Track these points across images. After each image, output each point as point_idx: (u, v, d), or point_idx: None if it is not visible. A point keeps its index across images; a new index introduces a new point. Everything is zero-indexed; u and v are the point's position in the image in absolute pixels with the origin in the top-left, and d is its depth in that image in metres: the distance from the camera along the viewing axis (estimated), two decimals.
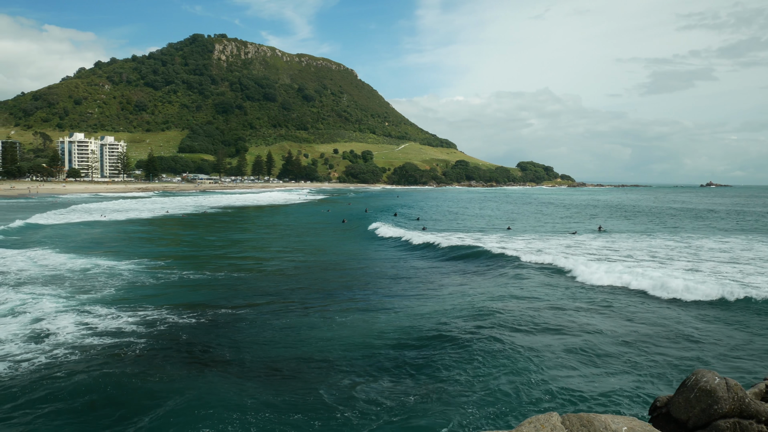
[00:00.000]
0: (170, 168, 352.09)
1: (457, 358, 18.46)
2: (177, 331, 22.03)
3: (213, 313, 25.12)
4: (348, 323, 23.50)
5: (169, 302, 27.13)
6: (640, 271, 32.78)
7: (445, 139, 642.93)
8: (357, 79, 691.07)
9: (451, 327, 22.34)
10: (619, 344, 20.09)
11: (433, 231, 64.95)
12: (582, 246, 50.40)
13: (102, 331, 21.84)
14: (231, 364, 18.27)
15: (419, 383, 16.40)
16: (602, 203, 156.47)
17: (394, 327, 22.64)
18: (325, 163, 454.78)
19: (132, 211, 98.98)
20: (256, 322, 23.61)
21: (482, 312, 24.66)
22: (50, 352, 19.23)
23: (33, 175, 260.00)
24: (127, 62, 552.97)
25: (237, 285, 32.31)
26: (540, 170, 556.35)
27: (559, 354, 18.94)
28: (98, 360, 18.45)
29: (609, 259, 40.03)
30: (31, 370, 17.32)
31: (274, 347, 20.18)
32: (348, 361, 18.44)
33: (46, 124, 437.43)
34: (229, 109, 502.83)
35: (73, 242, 52.91)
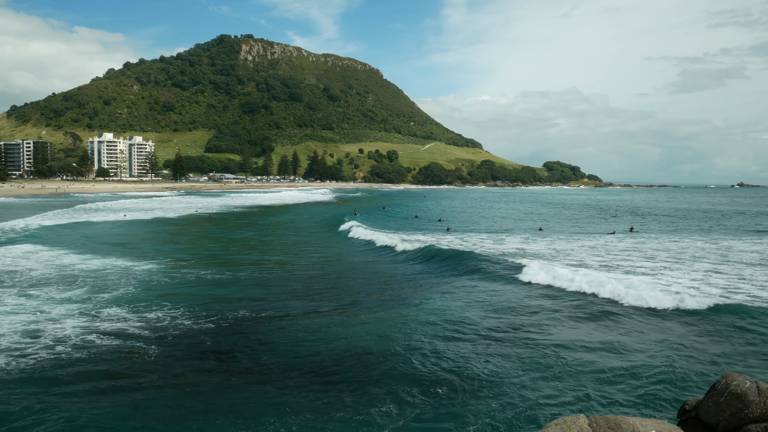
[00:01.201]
0: (197, 168, 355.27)
1: (478, 359, 18.30)
2: (200, 332, 22.13)
3: (235, 314, 25.20)
4: (369, 321, 23.44)
5: (197, 302, 27.26)
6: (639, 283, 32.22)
7: (470, 138, 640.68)
8: (382, 79, 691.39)
9: (467, 328, 22.18)
10: (645, 348, 19.76)
11: (456, 232, 64.63)
12: (605, 248, 49.79)
13: (121, 331, 22.02)
14: (261, 366, 18.28)
15: (445, 383, 16.27)
16: (628, 204, 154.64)
17: (424, 322, 22.53)
18: (351, 163, 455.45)
19: (157, 210, 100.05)
20: (280, 323, 23.64)
21: (500, 311, 24.44)
22: (70, 354, 19.39)
23: (63, 175, 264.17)
24: (155, 63, 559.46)
25: (264, 284, 32.46)
26: (567, 170, 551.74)
27: (582, 356, 18.69)
28: (118, 359, 18.60)
29: (624, 268, 39.42)
30: (54, 373, 17.42)
31: (296, 347, 20.18)
32: (367, 360, 18.36)
33: (76, 124, 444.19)
34: (256, 109, 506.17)
35: (93, 242, 53.50)
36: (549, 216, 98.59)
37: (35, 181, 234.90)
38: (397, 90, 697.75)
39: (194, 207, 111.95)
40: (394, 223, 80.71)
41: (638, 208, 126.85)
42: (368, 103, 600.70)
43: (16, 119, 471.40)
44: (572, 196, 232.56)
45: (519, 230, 69.07)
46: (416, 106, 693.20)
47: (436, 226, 73.69)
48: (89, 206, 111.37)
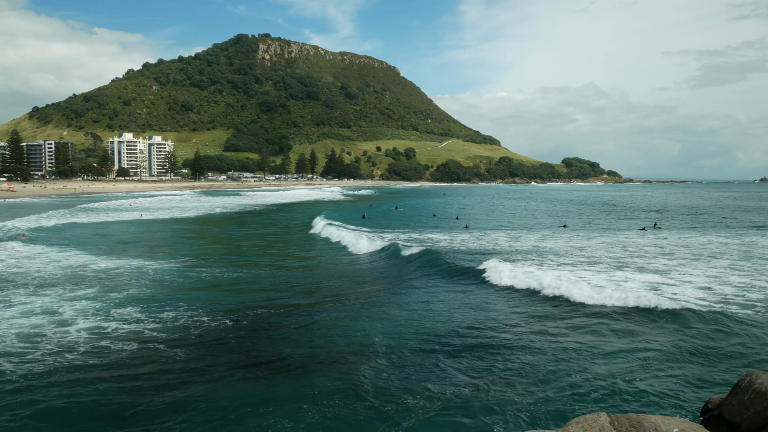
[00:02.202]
0: (216, 167, 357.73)
1: (493, 358, 18.19)
2: (221, 329, 22.21)
3: (254, 311, 25.26)
4: (389, 318, 23.40)
5: (217, 300, 27.38)
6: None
7: (488, 135, 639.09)
8: (399, 77, 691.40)
9: (485, 327, 22.06)
10: (664, 346, 19.54)
11: (474, 230, 64.38)
12: (624, 244, 49.32)
13: (140, 332, 22.16)
14: (283, 363, 18.32)
15: (463, 381, 16.19)
16: (650, 201, 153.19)
17: (442, 323, 22.45)
18: (368, 161, 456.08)
19: (174, 210, 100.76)
20: (299, 318, 23.67)
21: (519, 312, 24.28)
22: (91, 355, 19.55)
23: (84, 175, 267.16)
24: (173, 63, 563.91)
25: (282, 281, 32.52)
26: (586, 166, 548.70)
27: (602, 353, 18.51)
28: (144, 358, 18.71)
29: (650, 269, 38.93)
30: (76, 374, 17.57)
31: (316, 340, 20.19)
32: (384, 355, 18.31)
33: (96, 124, 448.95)
34: (273, 107, 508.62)
35: (109, 242, 53.96)
36: (572, 214, 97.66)
37: (57, 181, 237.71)
38: (414, 87, 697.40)
39: (213, 206, 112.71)
40: (404, 226, 79.68)
41: (660, 205, 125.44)
42: (385, 100, 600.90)
43: (38, 120, 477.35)
44: (593, 193, 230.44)
45: (538, 227, 68.46)
46: (433, 104, 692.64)
47: (453, 225, 73.09)
48: (105, 205, 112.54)
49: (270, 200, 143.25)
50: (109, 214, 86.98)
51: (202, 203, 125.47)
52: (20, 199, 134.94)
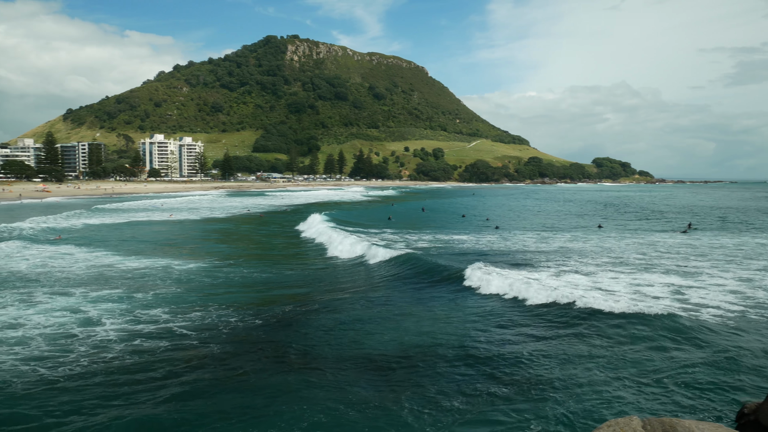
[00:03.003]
0: (245, 167, 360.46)
1: (526, 361, 18.06)
2: (251, 328, 22.39)
3: (282, 308, 25.41)
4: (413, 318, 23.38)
5: (246, 299, 27.60)
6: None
7: (517, 135, 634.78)
8: (427, 77, 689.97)
9: (513, 330, 21.92)
10: (699, 349, 19.24)
11: (503, 231, 63.99)
12: (656, 245, 48.66)
13: (173, 330, 22.41)
14: (318, 363, 18.40)
15: (500, 383, 16.11)
16: (684, 202, 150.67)
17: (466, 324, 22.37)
18: (396, 161, 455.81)
19: (203, 210, 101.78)
20: (326, 318, 23.74)
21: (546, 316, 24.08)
22: (123, 353, 19.81)
23: (117, 175, 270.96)
24: (203, 65, 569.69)
25: (309, 280, 32.67)
26: (617, 166, 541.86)
27: (632, 357, 18.29)
28: (176, 357, 18.92)
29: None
30: (108, 373, 17.84)
31: (344, 340, 20.26)
32: (416, 357, 18.30)
33: (128, 126, 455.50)
34: (302, 108, 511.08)
35: (138, 242, 54.60)
36: (600, 215, 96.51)
37: (90, 181, 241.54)
38: (443, 87, 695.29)
39: (243, 206, 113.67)
40: (431, 228, 79.18)
41: (694, 206, 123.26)
42: (413, 101, 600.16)
43: (72, 122, 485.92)
44: (624, 194, 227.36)
45: (570, 228, 67.67)
46: (462, 103, 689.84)
47: (483, 226, 72.49)
48: (135, 205, 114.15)
49: (298, 201, 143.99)
50: (139, 215, 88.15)
51: (232, 204, 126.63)
52: (54, 199, 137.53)
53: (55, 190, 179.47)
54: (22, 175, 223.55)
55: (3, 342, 19.84)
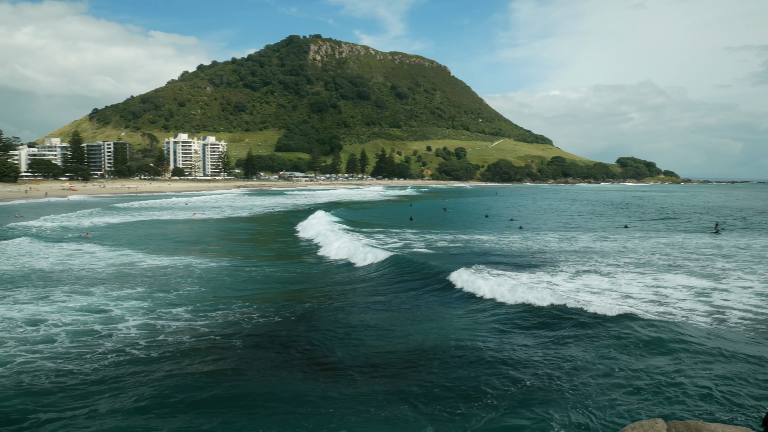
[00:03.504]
0: (268, 166, 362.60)
1: (545, 363, 17.90)
2: (277, 328, 22.45)
3: (303, 306, 25.45)
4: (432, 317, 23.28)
5: (268, 298, 27.69)
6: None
7: (540, 135, 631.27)
8: (450, 76, 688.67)
9: (525, 332, 21.73)
10: (720, 353, 18.92)
11: (527, 231, 63.57)
12: (682, 246, 48.00)
13: (195, 328, 22.53)
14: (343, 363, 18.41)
15: (516, 384, 16.01)
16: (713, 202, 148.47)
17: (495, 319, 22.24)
18: (418, 161, 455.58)
19: (226, 209, 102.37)
20: (349, 317, 23.73)
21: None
22: (147, 350, 19.94)
23: (141, 174, 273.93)
24: (227, 65, 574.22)
25: (333, 280, 32.69)
26: (641, 166, 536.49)
27: (653, 358, 18.04)
28: (199, 355, 19.03)
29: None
30: (132, 371, 17.97)
31: (366, 340, 20.23)
32: (437, 357, 18.22)
33: (153, 125, 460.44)
34: (324, 108, 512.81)
35: (162, 240, 55.00)
36: (623, 214, 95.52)
37: (115, 180, 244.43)
38: (465, 86, 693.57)
39: (265, 205, 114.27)
40: (453, 227, 78.79)
41: (720, 206, 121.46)
42: (436, 100, 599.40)
43: (98, 121, 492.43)
44: (647, 193, 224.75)
45: (593, 228, 67.05)
46: (484, 103, 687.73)
47: (506, 225, 72.01)
48: (159, 203, 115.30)
49: (321, 200, 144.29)
50: (162, 213, 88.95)
51: (255, 202, 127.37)
52: (80, 198, 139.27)
53: (81, 189, 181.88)
54: (49, 174, 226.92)
55: (27, 340, 20.08)
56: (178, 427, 13.55)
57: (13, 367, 17.17)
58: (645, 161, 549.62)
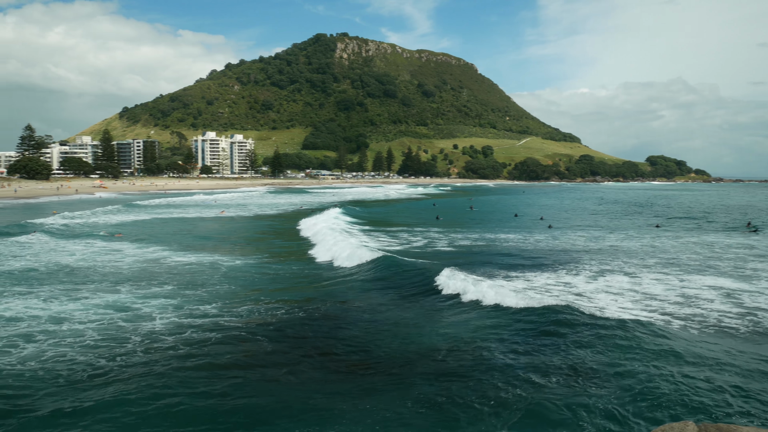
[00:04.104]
0: (294, 164, 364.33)
1: (567, 363, 17.68)
2: (306, 327, 22.53)
3: (325, 304, 25.48)
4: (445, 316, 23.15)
5: (294, 296, 27.80)
6: None
7: (568, 133, 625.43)
8: (477, 74, 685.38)
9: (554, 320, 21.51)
10: (751, 355, 18.55)
11: (556, 230, 63.00)
12: (713, 246, 47.18)
13: (222, 326, 22.68)
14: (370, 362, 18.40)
15: (546, 386, 15.83)
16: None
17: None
18: (445, 159, 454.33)
19: (252, 207, 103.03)
20: (372, 316, 23.70)
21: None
22: (176, 346, 20.11)
23: (170, 172, 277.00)
24: (254, 63, 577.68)
25: (359, 278, 32.69)
26: (671, 165, 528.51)
27: (684, 360, 17.73)
28: (225, 353, 19.16)
29: None
30: (163, 365, 18.14)
31: (387, 339, 20.20)
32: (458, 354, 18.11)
33: (181, 123, 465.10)
34: (351, 106, 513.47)
35: (190, 238, 55.47)
36: (653, 213, 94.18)
37: (144, 178, 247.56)
38: (492, 84, 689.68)
39: (292, 203, 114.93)
40: (480, 227, 78.35)
41: (750, 205, 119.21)
42: (462, 98, 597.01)
43: (128, 120, 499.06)
44: (674, 192, 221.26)
45: (625, 227, 66.06)
46: (512, 101, 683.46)
47: (533, 224, 71.37)
48: (187, 201, 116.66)
49: (347, 197, 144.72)
50: (189, 211, 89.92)
51: (281, 200, 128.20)
52: (110, 195, 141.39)
53: (111, 186, 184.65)
54: (80, 172, 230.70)
55: (56, 334, 20.40)
56: (209, 422, 13.74)
57: (45, 361, 17.55)
58: (675, 160, 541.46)
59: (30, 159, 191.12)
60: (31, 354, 18.18)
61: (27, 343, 19.21)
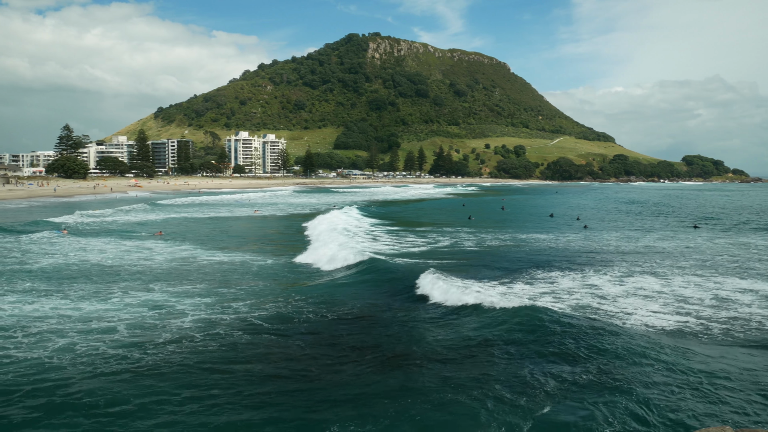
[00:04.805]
0: (326, 164, 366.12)
1: (598, 363, 17.43)
2: (335, 322, 22.59)
3: (355, 302, 25.49)
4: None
5: (325, 293, 27.91)
6: None
7: (602, 132, 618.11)
8: (509, 73, 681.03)
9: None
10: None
11: (592, 230, 62.23)
12: (751, 246, 46.13)
13: (254, 324, 22.84)
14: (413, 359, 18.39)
15: (576, 383, 15.64)
16: None
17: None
18: (477, 158, 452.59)
19: (283, 206, 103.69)
20: (416, 316, 23.67)
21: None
22: (205, 343, 20.29)
23: (203, 171, 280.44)
24: (287, 63, 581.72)
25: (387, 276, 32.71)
26: (708, 164, 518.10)
27: (723, 366, 17.38)
28: (260, 351, 19.29)
29: None
30: (195, 361, 18.33)
31: (415, 335, 20.17)
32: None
33: (215, 123, 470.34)
34: (382, 105, 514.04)
35: (223, 237, 55.96)
36: (692, 213, 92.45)
37: (178, 177, 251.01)
38: (525, 83, 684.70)
39: (323, 203, 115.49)
40: (512, 227, 77.61)
41: None
42: (495, 97, 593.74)
43: (162, 120, 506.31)
44: (710, 192, 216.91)
45: (661, 228, 64.82)
46: (544, 100, 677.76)
47: (567, 225, 70.38)
48: (219, 200, 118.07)
49: (376, 197, 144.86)
50: (221, 210, 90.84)
51: (314, 200, 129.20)
52: (145, 194, 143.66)
53: (146, 185, 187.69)
54: (116, 171, 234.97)
55: (92, 331, 20.73)
56: (248, 418, 13.95)
57: (80, 355, 17.82)
58: (712, 159, 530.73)
59: (68, 158, 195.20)
60: (63, 346, 18.51)
61: (59, 338, 19.55)
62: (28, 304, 24.49)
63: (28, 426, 13.34)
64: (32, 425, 13.36)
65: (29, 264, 35.05)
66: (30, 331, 20.39)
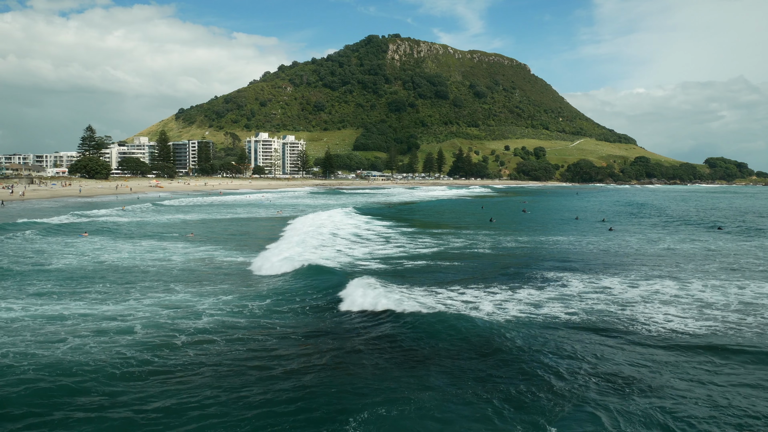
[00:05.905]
0: (345, 165, 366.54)
1: (624, 367, 17.16)
2: (351, 319, 22.47)
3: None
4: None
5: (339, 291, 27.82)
6: None
7: (623, 134, 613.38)
8: (530, 74, 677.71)
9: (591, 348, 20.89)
10: None
11: (618, 233, 61.53)
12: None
13: (276, 322, 22.80)
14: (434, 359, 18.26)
15: (600, 389, 15.43)
16: None
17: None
18: (496, 160, 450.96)
19: (304, 207, 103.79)
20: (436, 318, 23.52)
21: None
22: (226, 344, 20.28)
23: (223, 172, 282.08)
24: (307, 65, 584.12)
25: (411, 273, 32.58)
26: (732, 167, 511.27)
27: (737, 373, 17.05)
28: (282, 348, 19.23)
29: None
30: (215, 363, 18.29)
31: (434, 331, 20.00)
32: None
33: (235, 125, 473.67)
34: (402, 107, 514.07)
35: (246, 238, 56.06)
36: (717, 216, 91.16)
37: (199, 178, 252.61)
38: (545, 85, 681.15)
39: (343, 203, 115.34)
40: (536, 230, 76.88)
41: None
42: (515, 99, 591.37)
43: (183, 121, 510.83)
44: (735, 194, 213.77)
45: (685, 230, 63.81)
46: (565, 101, 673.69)
47: (590, 227, 69.41)
48: (239, 200, 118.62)
49: (393, 199, 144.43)
50: (238, 211, 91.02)
51: (335, 200, 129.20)
52: (165, 194, 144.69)
53: (167, 186, 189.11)
54: (137, 171, 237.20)
55: (107, 331, 20.76)
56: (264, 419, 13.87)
57: (96, 354, 17.85)
58: (736, 162, 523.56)
59: (90, 159, 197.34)
60: (76, 345, 18.56)
61: (74, 338, 19.62)
62: (100, 304, 24.78)
63: (47, 426, 13.33)
64: (51, 426, 13.36)
65: (78, 260, 35.39)
66: (68, 329, 20.55)
